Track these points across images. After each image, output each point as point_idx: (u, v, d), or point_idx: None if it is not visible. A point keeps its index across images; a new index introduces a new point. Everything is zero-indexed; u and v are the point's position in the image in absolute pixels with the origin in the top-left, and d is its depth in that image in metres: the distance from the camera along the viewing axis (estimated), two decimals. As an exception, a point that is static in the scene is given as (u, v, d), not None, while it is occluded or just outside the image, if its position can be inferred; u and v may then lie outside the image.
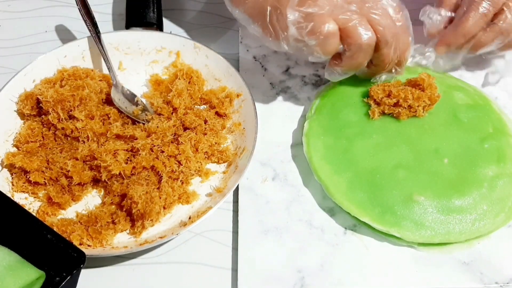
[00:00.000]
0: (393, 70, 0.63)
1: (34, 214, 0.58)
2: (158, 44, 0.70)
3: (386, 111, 0.64)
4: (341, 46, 0.58)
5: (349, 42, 0.57)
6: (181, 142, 0.62)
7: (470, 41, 0.64)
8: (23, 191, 0.61)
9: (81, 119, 0.62)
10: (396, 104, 0.63)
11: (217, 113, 0.66)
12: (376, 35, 0.57)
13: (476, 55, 0.66)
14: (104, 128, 0.63)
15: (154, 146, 0.61)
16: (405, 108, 0.63)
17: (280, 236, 0.58)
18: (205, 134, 0.64)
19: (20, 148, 0.62)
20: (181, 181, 0.61)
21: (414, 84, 0.64)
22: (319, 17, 0.56)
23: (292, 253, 0.57)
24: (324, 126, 0.63)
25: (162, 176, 0.60)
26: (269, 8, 0.58)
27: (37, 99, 0.63)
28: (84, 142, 0.62)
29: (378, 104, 0.64)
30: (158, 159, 0.61)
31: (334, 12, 0.56)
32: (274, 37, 0.59)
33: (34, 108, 0.64)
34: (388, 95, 0.63)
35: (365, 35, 0.56)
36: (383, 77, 0.64)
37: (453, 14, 0.65)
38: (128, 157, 0.61)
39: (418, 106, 0.63)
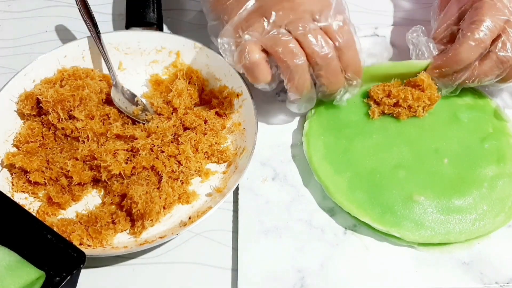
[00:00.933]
0: (349, 85, 0.60)
1: (34, 214, 0.58)
2: (158, 44, 0.70)
3: (386, 111, 0.64)
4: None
5: (280, 66, 0.57)
6: (181, 142, 0.62)
7: (465, 70, 0.60)
8: (23, 191, 0.61)
9: (81, 119, 0.62)
10: (396, 104, 0.63)
11: (217, 113, 0.66)
12: (306, 57, 0.56)
13: (476, 86, 0.63)
14: (104, 128, 0.63)
15: (154, 146, 0.61)
16: (405, 108, 0.63)
17: (280, 236, 0.58)
18: (205, 134, 0.64)
19: (20, 148, 0.62)
20: (181, 181, 0.61)
21: (414, 84, 0.64)
22: (244, 45, 0.56)
23: (292, 253, 0.57)
24: (324, 126, 0.63)
25: (162, 176, 0.60)
26: (221, 27, 0.59)
27: (37, 99, 0.63)
28: (84, 142, 0.62)
29: (378, 104, 0.64)
30: (158, 159, 0.61)
31: (262, 39, 0.56)
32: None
33: (34, 108, 0.64)
34: (388, 95, 0.63)
35: (291, 59, 0.55)
36: (346, 95, 0.62)
37: (440, 48, 0.63)
38: (128, 157, 0.61)
39: (418, 106, 0.63)
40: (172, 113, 0.65)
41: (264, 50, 0.57)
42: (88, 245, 0.57)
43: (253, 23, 0.56)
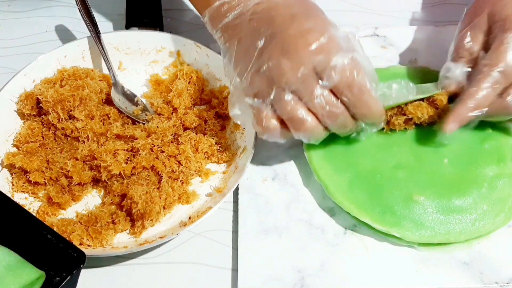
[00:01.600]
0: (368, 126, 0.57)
1: (34, 214, 0.58)
2: (158, 44, 0.70)
3: (397, 129, 0.62)
4: None
5: (293, 133, 0.55)
6: (181, 142, 0.62)
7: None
8: (23, 191, 0.61)
9: (81, 119, 0.62)
10: (407, 120, 0.61)
11: (217, 113, 0.66)
12: (315, 121, 0.54)
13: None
14: (104, 128, 0.63)
15: (154, 146, 0.61)
16: (414, 123, 0.62)
17: (280, 236, 0.58)
18: (205, 134, 0.64)
19: (20, 148, 0.62)
20: (181, 181, 0.61)
21: (431, 101, 0.61)
22: (259, 115, 0.54)
23: (292, 253, 0.57)
24: (324, 126, 0.63)
25: (162, 176, 0.60)
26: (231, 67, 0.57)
27: (37, 99, 0.63)
28: (84, 142, 0.62)
29: (387, 123, 0.61)
30: (158, 159, 0.61)
31: (273, 104, 0.54)
32: None
33: (34, 108, 0.64)
34: (401, 112, 0.61)
35: (302, 126, 0.54)
36: (366, 131, 0.58)
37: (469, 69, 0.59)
38: (128, 157, 0.61)
39: (425, 122, 0.61)
40: (172, 113, 0.65)
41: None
42: (88, 245, 0.57)
43: (260, 89, 0.54)
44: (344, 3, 0.78)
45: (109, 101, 0.66)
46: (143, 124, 0.64)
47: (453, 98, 0.60)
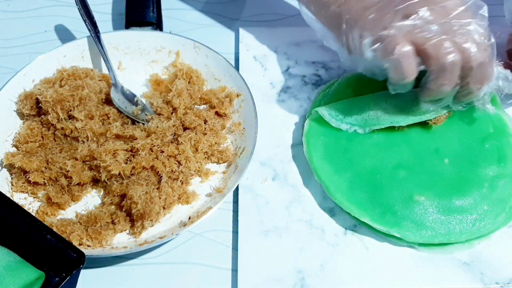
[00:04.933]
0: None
1: (33, 214, 0.58)
2: (158, 44, 0.70)
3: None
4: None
5: (430, 63, 0.53)
6: (181, 142, 0.62)
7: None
8: (23, 191, 0.61)
9: (81, 119, 0.62)
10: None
11: (217, 113, 0.66)
12: (461, 58, 0.52)
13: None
14: (104, 128, 0.62)
15: (153, 146, 0.61)
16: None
17: (280, 236, 0.58)
18: (205, 134, 0.64)
19: (19, 148, 0.62)
20: (180, 181, 0.60)
21: None
22: (392, 38, 0.52)
23: (292, 253, 0.57)
24: (324, 126, 0.63)
25: (161, 176, 0.60)
26: (344, 26, 0.55)
27: (37, 99, 0.63)
28: (83, 142, 0.62)
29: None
30: (157, 159, 0.60)
31: (412, 33, 0.52)
32: (351, 55, 0.57)
33: (34, 108, 0.64)
34: None
35: (448, 54, 0.52)
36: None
37: None
38: (128, 157, 0.61)
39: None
40: (171, 113, 0.65)
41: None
42: (88, 246, 0.56)
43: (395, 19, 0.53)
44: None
45: (108, 101, 0.66)
46: (143, 124, 0.64)
47: None
